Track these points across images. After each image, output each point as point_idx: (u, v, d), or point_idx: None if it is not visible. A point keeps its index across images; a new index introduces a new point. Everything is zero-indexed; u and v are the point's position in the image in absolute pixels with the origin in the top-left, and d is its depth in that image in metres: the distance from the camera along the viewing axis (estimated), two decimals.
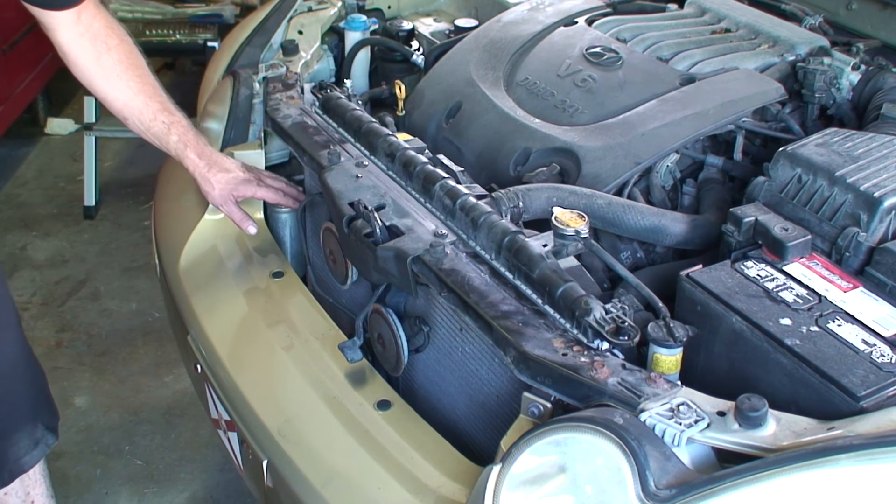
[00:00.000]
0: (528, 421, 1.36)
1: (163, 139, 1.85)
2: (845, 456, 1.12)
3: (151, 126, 1.84)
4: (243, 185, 1.89)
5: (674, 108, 1.90)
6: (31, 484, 2.04)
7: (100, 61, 1.77)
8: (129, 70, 1.80)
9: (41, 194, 4.21)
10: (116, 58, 1.78)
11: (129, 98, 1.81)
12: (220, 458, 2.70)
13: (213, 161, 1.88)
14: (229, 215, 1.91)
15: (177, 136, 1.85)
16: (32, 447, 1.93)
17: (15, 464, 1.91)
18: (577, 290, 1.38)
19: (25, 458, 1.93)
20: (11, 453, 1.90)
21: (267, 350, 1.75)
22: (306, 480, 1.48)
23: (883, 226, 1.52)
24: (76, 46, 1.75)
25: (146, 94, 1.82)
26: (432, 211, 1.67)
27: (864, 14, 2.28)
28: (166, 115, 1.84)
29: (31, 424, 1.92)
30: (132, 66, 1.80)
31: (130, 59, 1.80)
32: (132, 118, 1.84)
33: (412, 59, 2.47)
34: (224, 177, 1.87)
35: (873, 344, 1.32)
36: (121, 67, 1.79)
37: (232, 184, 1.88)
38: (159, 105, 1.83)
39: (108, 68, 1.78)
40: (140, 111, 1.82)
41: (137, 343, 3.24)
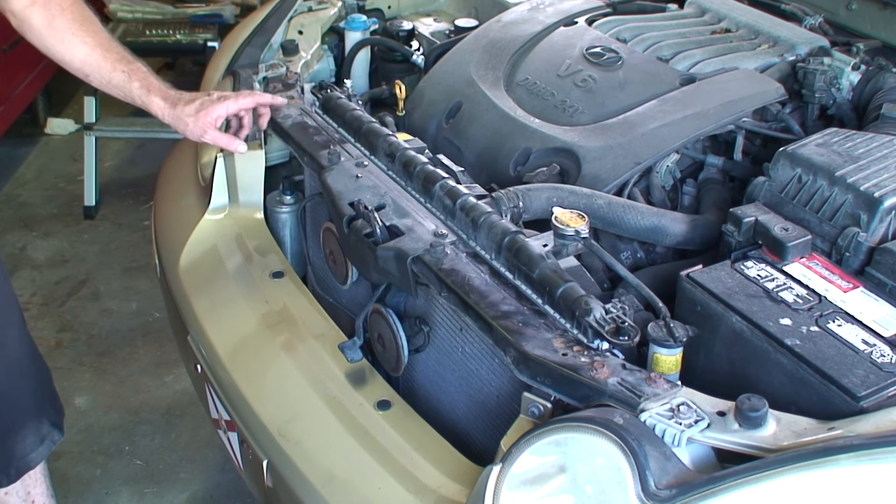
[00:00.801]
0: (528, 421, 1.36)
1: (125, 89, 1.81)
2: (845, 456, 1.12)
3: (112, 78, 1.81)
4: (214, 106, 1.81)
5: (674, 108, 1.90)
6: (32, 483, 2.04)
7: (53, 24, 1.76)
8: (83, 27, 1.79)
9: (41, 194, 4.21)
10: (70, 17, 1.77)
11: (85, 54, 1.79)
12: (220, 458, 2.70)
13: (179, 97, 1.82)
14: (213, 142, 1.85)
15: (138, 82, 1.80)
16: (38, 444, 1.94)
17: (22, 460, 1.92)
18: (577, 290, 1.38)
19: (32, 455, 1.93)
20: (18, 450, 1.90)
21: (267, 350, 1.75)
22: (306, 480, 1.48)
23: (883, 226, 1.52)
24: (29, 13, 1.75)
25: (102, 48, 1.80)
26: (432, 211, 1.67)
27: (864, 14, 2.28)
28: (125, 63, 1.81)
29: (36, 421, 1.93)
30: (85, 22, 1.79)
31: (83, 17, 1.80)
32: (93, 74, 1.81)
33: (412, 59, 2.47)
34: (192, 107, 1.80)
35: (873, 344, 1.32)
36: (74, 26, 1.78)
37: (203, 109, 1.80)
38: (117, 55, 1.81)
39: (61, 29, 1.77)
40: (99, 65, 1.80)
41: (137, 343, 3.24)
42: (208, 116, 1.80)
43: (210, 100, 1.82)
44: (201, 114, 1.79)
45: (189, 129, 1.81)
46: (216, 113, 1.81)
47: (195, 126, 1.80)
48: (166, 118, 1.82)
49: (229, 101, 1.83)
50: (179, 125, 1.82)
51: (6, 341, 1.86)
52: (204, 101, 1.81)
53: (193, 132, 1.81)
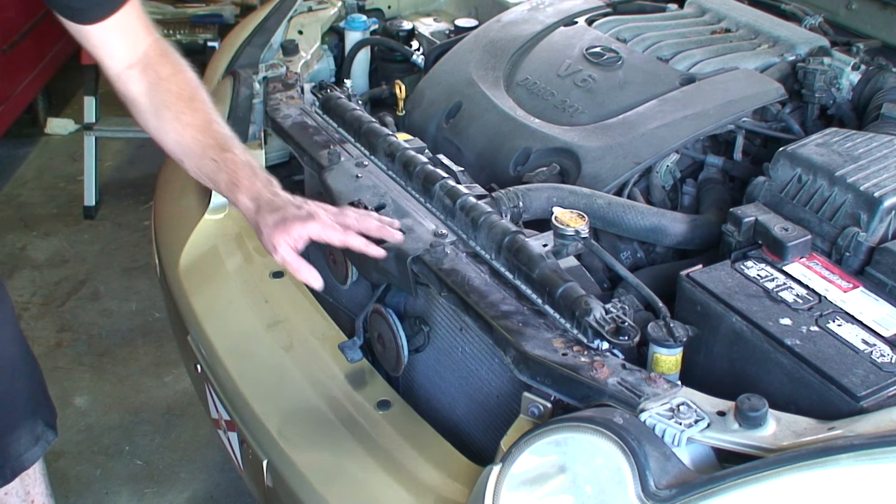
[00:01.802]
0: (528, 421, 1.36)
1: (214, 180, 1.57)
2: (845, 456, 1.12)
3: (201, 165, 1.57)
4: (294, 224, 1.47)
5: (674, 108, 1.90)
6: (31, 483, 2.04)
7: (149, 92, 1.59)
8: (180, 102, 1.58)
9: (41, 194, 4.21)
10: (167, 88, 1.59)
11: (178, 133, 1.58)
12: (220, 458, 2.70)
13: (267, 202, 1.51)
14: (282, 263, 1.49)
15: (226, 174, 1.54)
16: (33, 443, 1.93)
17: (17, 460, 1.91)
18: (577, 290, 1.38)
19: (27, 455, 1.93)
20: (13, 450, 1.90)
21: (267, 350, 1.75)
22: (306, 480, 1.48)
23: (883, 226, 1.52)
24: (126, 78, 1.59)
25: (197, 129, 1.57)
26: (432, 211, 1.67)
27: (864, 14, 2.28)
28: (217, 151, 1.55)
29: (31, 421, 1.92)
30: (186, 97, 1.59)
31: (185, 91, 1.60)
32: (185, 158, 1.59)
33: (412, 59, 2.47)
34: (273, 217, 1.48)
35: (873, 344, 1.32)
36: (171, 98, 1.58)
37: (282, 224, 1.47)
38: (212, 140, 1.56)
39: (157, 101, 1.58)
40: (189, 148, 1.57)
41: (137, 343, 3.24)
42: (285, 234, 1.47)
43: (296, 214, 1.48)
44: (279, 228, 1.47)
45: (263, 239, 1.50)
46: (295, 234, 1.47)
47: (267, 241, 1.49)
48: (249, 221, 1.54)
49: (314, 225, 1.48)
50: (256, 233, 1.53)
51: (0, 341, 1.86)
52: (287, 215, 1.48)
53: (266, 244, 1.50)
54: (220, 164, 1.54)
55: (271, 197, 1.51)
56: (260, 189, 1.53)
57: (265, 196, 1.52)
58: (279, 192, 1.53)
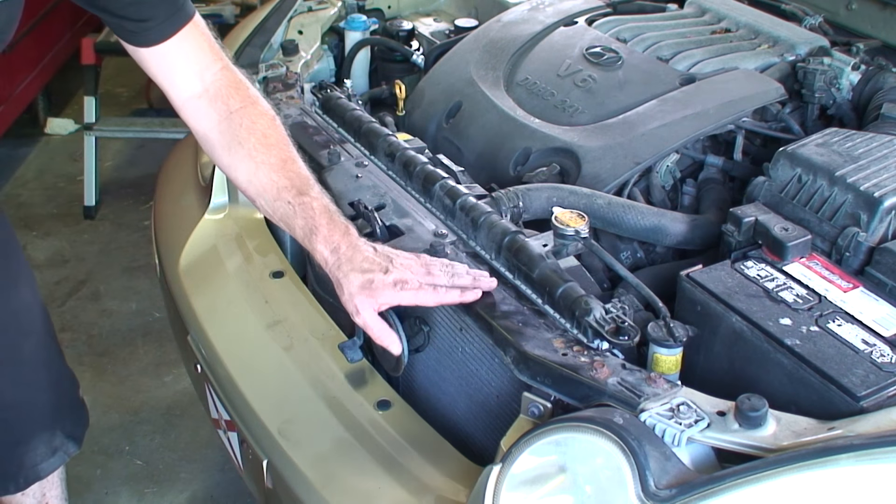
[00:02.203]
0: (528, 421, 1.36)
1: (289, 223, 1.48)
2: (845, 456, 1.12)
3: (276, 207, 1.48)
4: (383, 291, 1.41)
5: (674, 108, 1.90)
6: (48, 486, 2.03)
7: (220, 127, 1.51)
8: (252, 138, 1.49)
9: (41, 194, 4.21)
10: (239, 122, 1.50)
11: (251, 172, 1.49)
12: (220, 458, 2.70)
13: (346, 257, 1.43)
14: (364, 328, 1.45)
15: (303, 220, 1.45)
16: (50, 455, 1.91)
17: (31, 470, 1.89)
18: (577, 290, 1.38)
19: (42, 465, 1.90)
20: (28, 459, 1.88)
21: (267, 350, 1.75)
22: (306, 480, 1.48)
23: (883, 226, 1.52)
24: (193, 108, 1.51)
25: (271, 167, 1.48)
26: (432, 211, 1.67)
27: (864, 14, 2.28)
28: (293, 194, 1.47)
29: (48, 432, 1.90)
30: (259, 133, 1.50)
31: (258, 126, 1.51)
32: (258, 198, 1.51)
33: (412, 59, 2.47)
34: (358, 280, 1.41)
35: (873, 344, 1.32)
36: (243, 134, 1.49)
37: (369, 289, 1.41)
38: (287, 182, 1.47)
39: (228, 135, 1.50)
40: (263, 188, 1.49)
41: (137, 343, 3.24)
42: (372, 298, 1.41)
43: (384, 281, 1.40)
44: (365, 291, 1.41)
45: (343, 300, 1.45)
46: (383, 300, 1.41)
47: (349, 301, 1.43)
48: (327, 268, 1.46)
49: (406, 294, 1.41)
50: (337, 289, 1.45)
51: (21, 352, 1.82)
52: (376, 278, 1.41)
53: (347, 304, 1.44)
54: (296, 209, 1.46)
55: (352, 252, 1.43)
56: (339, 240, 1.45)
57: (344, 249, 1.44)
58: (359, 245, 1.44)
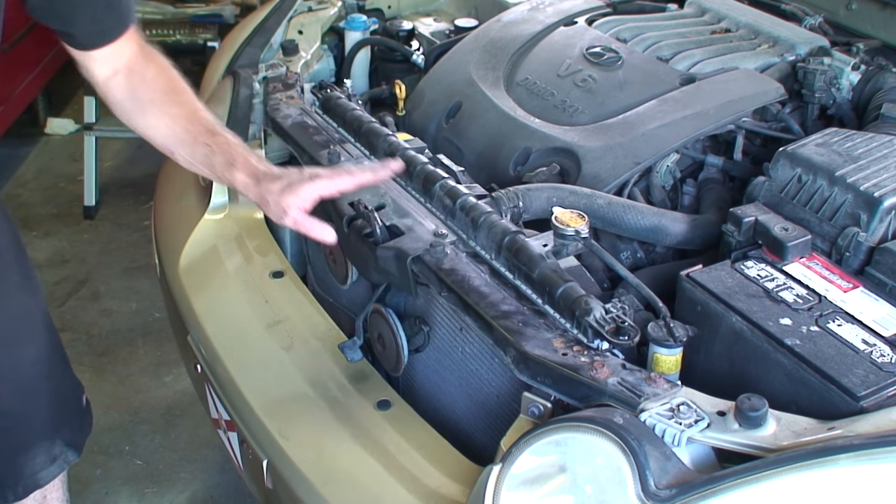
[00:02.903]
0: (528, 421, 1.36)
1: (208, 164, 1.60)
2: (845, 456, 1.12)
3: (195, 152, 1.60)
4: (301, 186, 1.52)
5: (674, 108, 1.90)
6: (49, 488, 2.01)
7: (135, 95, 1.63)
8: (167, 97, 1.62)
9: (41, 194, 4.21)
10: (153, 87, 1.63)
11: (167, 127, 1.62)
12: (220, 458, 2.70)
13: (265, 173, 1.56)
14: (294, 226, 1.55)
15: (221, 156, 1.58)
16: (49, 463, 1.89)
17: (31, 478, 1.88)
18: (577, 290, 1.38)
19: (41, 474, 1.89)
20: (27, 468, 1.87)
21: (267, 350, 1.75)
22: (306, 480, 1.48)
23: (883, 226, 1.53)
24: (112, 84, 1.63)
25: (186, 119, 1.61)
26: (432, 211, 1.67)
27: (864, 14, 2.28)
28: (208, 136, 1.60)
29: (48, 441, 1.89)
30: (170, 92, 1.63)
31: (169, 87, 1.63)
32: (177, 150, 1.63)
33: (412, 59, 2.47)
34: (277, 185, 1.53)
35: (873, 344, 1.32)
36: (157, 96, 1.62)
37: (289, 188, 1.52)
38: (202, 127, 1.61)
39: (144, 101, 1.62)
40: (181, 139, 1.61)
41: (137, 343, 3.24)
42: (293, 196, 1.52)
43: (299, 178, 1.53)
44: (286, 194, 1.51)
45: (270, 210, 1.54)
46: (304, 194, 1.52)
47: (276, 207, 1.52)
48: (251, 195, 1.57)
49: (322, 181, 1.53)
50: (262, 204, 1.57)
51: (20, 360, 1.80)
52: (292, 179, 1.53)
53: (274, 213, 1.54)
54: (213, 148, 1.59)
55: (267, 169, 1.56)
56: (255, 164, 1.57)
57: (262, 169, 1.56)
58: (271, 165, 1.59)
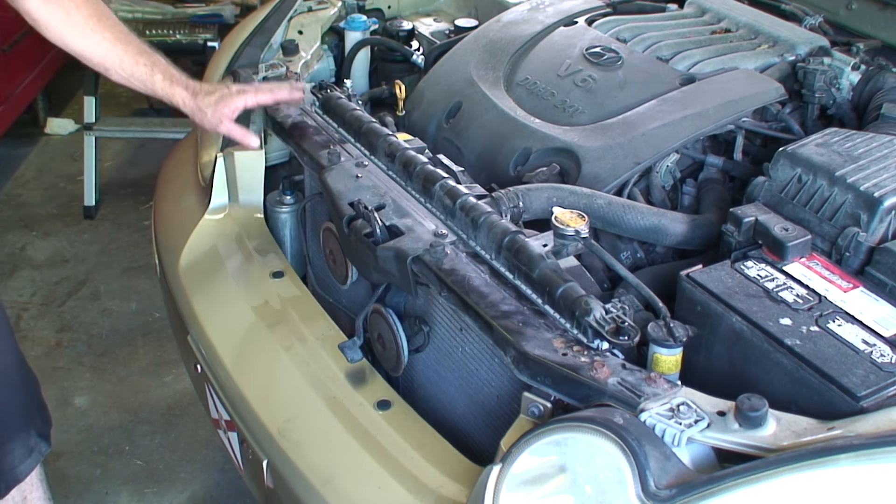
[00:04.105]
0: (528, 421, 1.36)
1: (148, 81, 1.83)
2: (845, 456, 1.12)
3: (135, 71, 1.82)
4: (232, 98, 1.85)
5: (674, 108, 1.90)
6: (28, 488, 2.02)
7: (70, 19, 1.77)
8: (101, 22, 1.79)
9: (41, 194, 4.21)
10: (86, 12, 1.78)
11: (106, 49, 1.80)
12: (220, 458, 2.70)
13: (200, 88, 1.86)
14: (228, 133, 1.89)
15: (160, 74, 1.83)
16: (27, 456, 1.91)
17: (10, 473, 1.90)
18: (577, 290, 1.38)
19: (21, 468, 1.91)
20: (6, 462, 1.88)
21: (267, 350, 1.75)
22: (306, 480, 1.48)
23: (883, 226, 1.52)
24: (44, 11, 1.77)
25: (123, 42, 1.81)
26: (432, 211, 1.67)
27: (864, 14, 2.28)
28: (146, 56, 1.83)
29: (24, 433, 1.91)
30: (102, 17, 1.80)
31: (100, 12, 1.80)
32: (114, 68, 1.82)
33: (412, 59, 2.47)
34: (212, 98, 1.84)
35: (873, 344, 1.32)
36: (91, 22, 1.78)
37: (222, 100, 1.84)
38: (137, 48, 1.82)
39: (79, 25, 1.78)
40: (120, 59, 1.81)
41: (137, 343, 3.24)
42: (226, 108, 1.83)
43: (229, 92, 1.85)
44: (220, 105, 1.82)
45: (207, 119, 1.84)
46: (234, 105, 1.84)
47: (213, 116, 1.83)
48: (187, 107, 1.84)
49: (248, 94, 1.86)
50: (197, 115, 1.85)
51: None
52: (224, 93, 1.84)
53: (211, 122, 1.84)
54: (152, 67, 1.82)
55: (200, 86, 1.85)
56: (188, 81, 1.85)
57: (194, 84, 1.84)
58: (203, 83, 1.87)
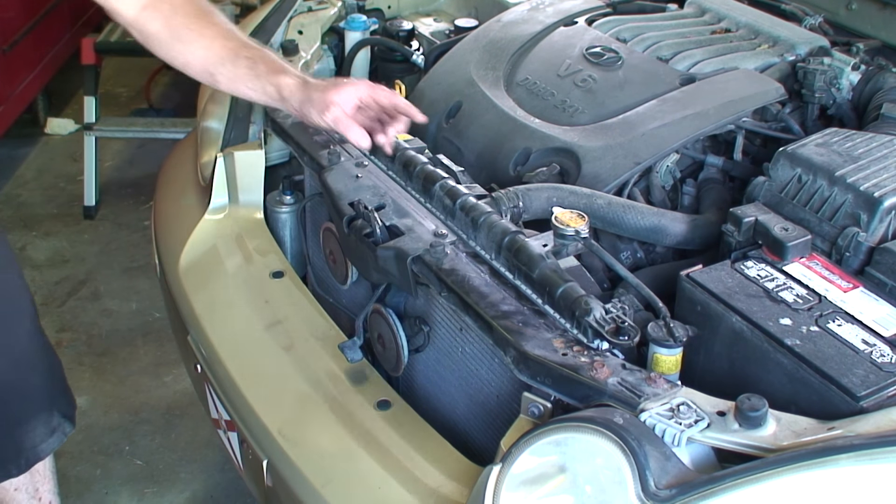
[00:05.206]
0: (528, 421, 1.36)
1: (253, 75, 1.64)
2: (845, 456, 1.12)
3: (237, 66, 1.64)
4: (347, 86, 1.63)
5: (674, 108, 1.90)
6: (41, 480, 2.05)
7: (169, 24, 1.64)
8: (199, 20, 1.65)
9: (41, 194, 4.21)
10: (184, 13, 1.65)
11: (206, 47, 1.64)
12: (220, 458, 2.70)
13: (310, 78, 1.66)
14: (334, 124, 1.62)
15: (265, 65, 1.64)
16: (48, 435, 1.94)
17: (32, 451, 1.93)
18: (577, 290, 1.38)
19: (42, 446, 1.94)
20: (28, 440, 1.91)
21: (267, 350, 1.75)
22: (306, 480, 1.48)
23: (883, 226, 1.52)
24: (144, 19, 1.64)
25: (222, 37, 1.65)
26: (432, 211, 1.67)
27: (864, 14, 2.28)
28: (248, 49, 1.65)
29: (46, 413, 1.93)
30: (201, 15, 1.66)
31: (199, 11, 1.66)
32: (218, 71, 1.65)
33: (412, 59, 2.47)
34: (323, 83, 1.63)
35: (873, 344, 1.32)
36: (189, 20, 1.64)
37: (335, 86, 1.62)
38: (239, 42, 1.66)
39: (178, 27, 1.64)
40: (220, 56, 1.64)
41: (137, 343, 3.24)
42: (338, 94, 1.61)
43: (344, 80, 1.68)
44: (331, 90, 1.61)
45: (313, 106, 1.62)
46: (347, 93, 1.62)
47: (320, 101, 1.61)
48: (295, 96, 1.63)
49: (364, 84, 1.66)
50: (304, 106, 1.63)
51: (16, 334, 1.87)
52: (338, 80, 1.68)
53: (318, 107, 1.62)
54: (255, 60, 1.64)
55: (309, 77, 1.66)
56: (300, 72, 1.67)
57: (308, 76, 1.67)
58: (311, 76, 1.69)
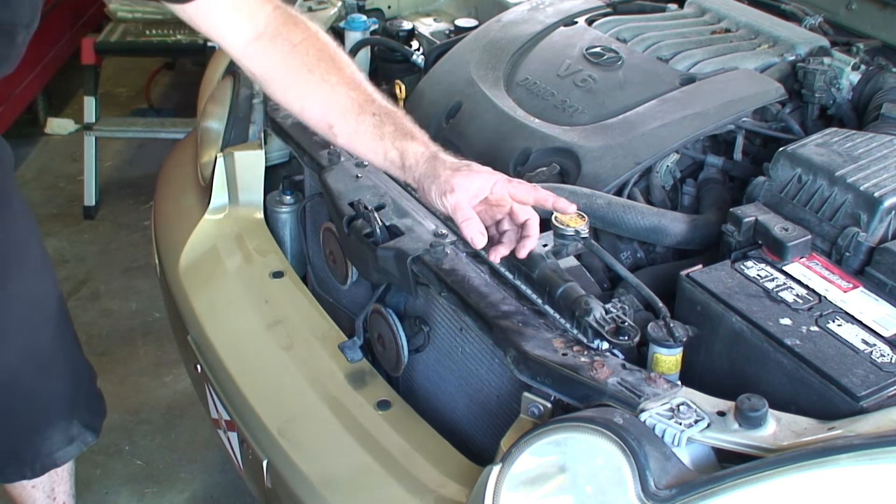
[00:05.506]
0: (528, 421, 1.36)
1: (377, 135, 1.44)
2: (845, 456, 1.12)
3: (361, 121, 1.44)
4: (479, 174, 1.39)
5: (674, 108, 1.90)
6: (58, 481, 2.05)
7: (286, 62, 1.47)
8: (322, 63, 1.47)
9: (41, 194, 4.20)
10: (305, 51, 1.47)
11: (327, 95, 1.46)
12: (220, 458, 2.70)
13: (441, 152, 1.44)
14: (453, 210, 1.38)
15: (392, 126, 1.44)
16: (66, 443, 1.93)
17: (48, 457, 1.92)
18: (577, 290, 1.38)
19: (59, 454, 1.92)
20: (44, 447, 1.90)
21: (267, 350, 1.75)
22: (306, 480, 1.48)
23: (883, 226, 1.52)
24: (252, 52, 1.48)
25: (347, 85, 1.46)
26: (432, 211, 1.67)
27: (864, 14, 2.28)
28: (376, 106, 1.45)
29: (65, 421, 1.91)
30: (327, 58, 1.47)
31: (325, 52, 1.48)
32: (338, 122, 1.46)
33: (412, 59, 2.47)
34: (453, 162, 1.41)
35: (873, 344, 1.32)
36: (312, 62, 1.46)
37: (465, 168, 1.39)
38: (367, 95, 1.46)
39: (296, 68, 1.47)
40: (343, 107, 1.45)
41: (137, 343, 3.24)
42: (467, 179, 1.37)
43: (478, 167, 1.41)
44: (461, 173, 1.38)
45: (437, 182, 1.38)
46: (480, 181, 1.38)
47: (445, 183, 1.37)
48: (419, 167, 1.42)
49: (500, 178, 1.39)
50: (426, 181, 1.40)
51: (38, 340, 1.84)
52: (472, 164, 1.41)
53: (442, 186, 1.37)
54: (382, 118, 1.44)
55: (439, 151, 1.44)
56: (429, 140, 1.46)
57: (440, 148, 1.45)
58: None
